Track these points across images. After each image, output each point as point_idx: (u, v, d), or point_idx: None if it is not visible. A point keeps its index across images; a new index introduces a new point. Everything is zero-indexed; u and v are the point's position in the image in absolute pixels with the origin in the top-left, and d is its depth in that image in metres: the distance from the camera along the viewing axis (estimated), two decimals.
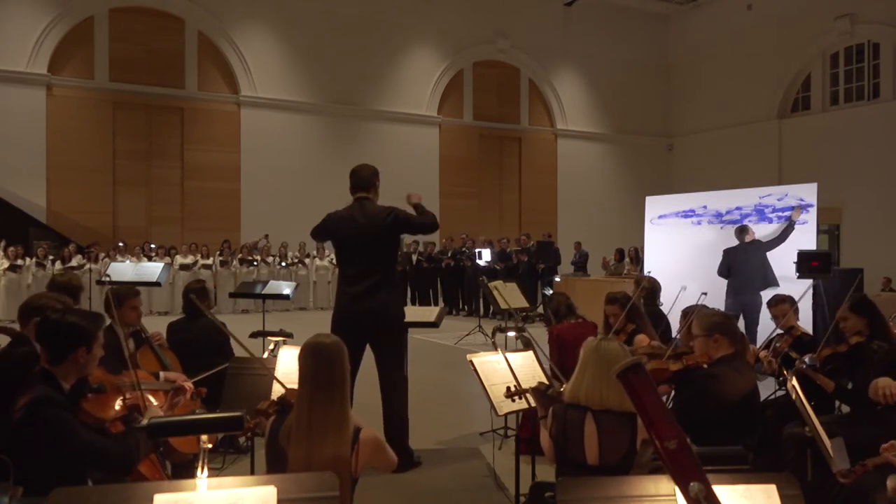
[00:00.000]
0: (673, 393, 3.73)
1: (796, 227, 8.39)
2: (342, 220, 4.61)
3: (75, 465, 2.41)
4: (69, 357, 2.49)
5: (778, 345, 4.66)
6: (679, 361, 3.46)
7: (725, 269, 8.27)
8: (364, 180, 4.65)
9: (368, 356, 4.58)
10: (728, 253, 8.32)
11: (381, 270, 4.53)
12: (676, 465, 1.49)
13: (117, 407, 3.13)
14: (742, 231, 8.36)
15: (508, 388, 3.40)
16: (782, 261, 8.20)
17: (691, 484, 1.46)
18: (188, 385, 3.48)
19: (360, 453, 2.31)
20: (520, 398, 3.39)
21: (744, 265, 8.16)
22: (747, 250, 8.25)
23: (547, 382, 3.07)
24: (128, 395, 3.17)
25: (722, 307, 7.40)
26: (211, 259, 14.67)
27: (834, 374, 3.98)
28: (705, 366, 3.37)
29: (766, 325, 7.03)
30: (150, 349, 4.13)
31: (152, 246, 14.42)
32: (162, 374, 3.75)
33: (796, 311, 4.87)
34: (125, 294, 4.27)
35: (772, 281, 8.09)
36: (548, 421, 2.74)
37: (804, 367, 4.00)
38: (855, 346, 3.98)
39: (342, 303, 4.58)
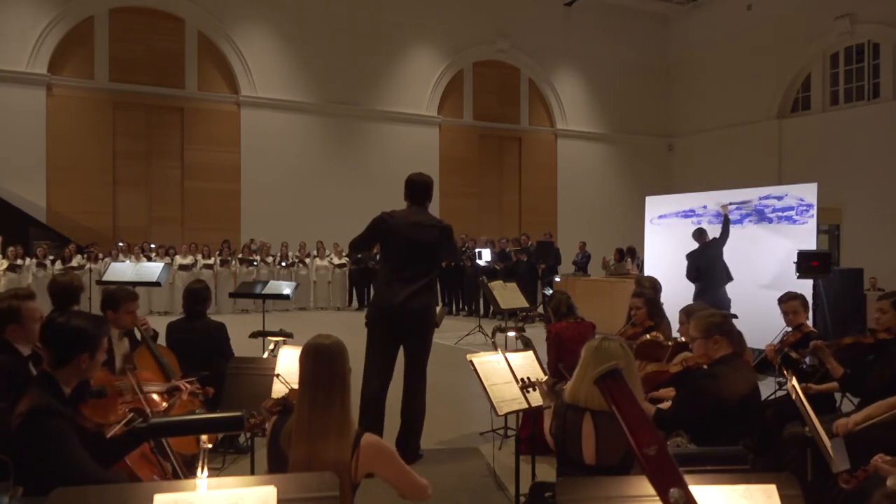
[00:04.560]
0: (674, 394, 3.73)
1: (795, 226, 8.41)
2: (400, 220, 4.74)
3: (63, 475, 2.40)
4: (71, 362, 2.47)
5: (783, 339, 4.65)
6: (678, 364, 3.46)
7: (694, 272, 8.49)
8: (421, 189, 4.86)
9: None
10: (694, 256, 8.55)
11: (428, 276, 4.76)
12: (656, 471, 1.49)
13: (118, 411, 3.13)
14: (701, 233, 8.65)
15: (522, 381, 3.50)
16: (782, 260, 8.20)
17: (671, 490, 1.46)
18: (184, 385, 3.49)
19: (360, 458, 2.28)
20: (533, 389, 3.47)
21: (710, 265, 8.42)
22: (709, 250, 8.51)
23: (553, 379, 3.11)
24: (128, 399, 3.17)
25: (676, 307, 7.61)
26: (212, 259, 14.67)
27: (844, 363, 3.97)
28: (705, 366, 3.36)
29: (764, 324, 7.04)
30: (146, 348, 4.10)
31: (152, 246, 14.42)
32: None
33: (806, 308, 4.86)
34: (123, 298, 4.18)
35: (730, 275, 8.46)
36: (549, 418, 2.75)
37: (806, 366, 4.00)
38: (880, 341, 3.95)
39: (385, 301, 4.68)
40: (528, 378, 3.48)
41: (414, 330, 4.70)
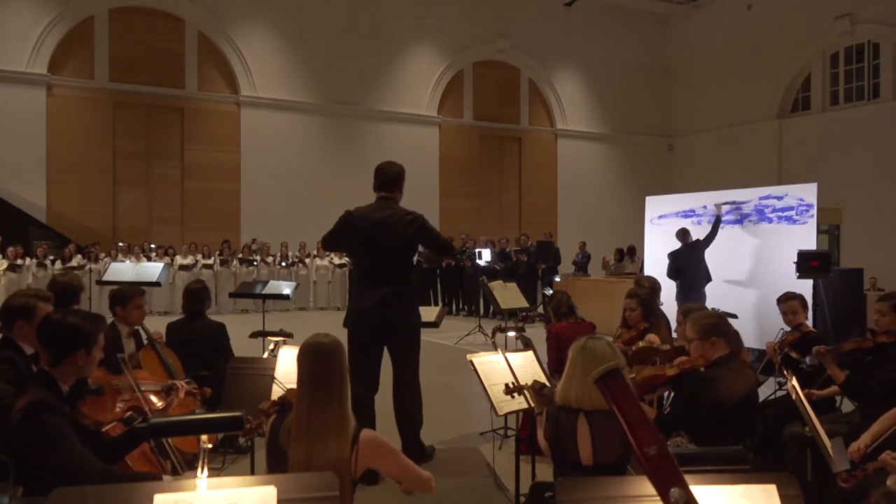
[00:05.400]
0: (672, 395, 3.72)
1: (795, 226, 8.42)
2: (363, 220, 4.37)
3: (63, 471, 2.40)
4: (68, 359, 2.48)
5: (783, 338, 4.65)
6: (675, 366, 3.44)
7: (674, 271, 8.59)
8: (389, 179, 4.45)
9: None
10: (676, 256, 8.67)
11: (400, 276, 4.43)
12: (657, 470, 1.48)
13: (116, 409, 3.14)
14: (684, 234, 8.79)
15: (507, 385, 3.41)
16: (781, 260, 8.20)
17: (672, 490, 1.45)
18: (181, 384, 3.50)
19: (359, 453, 2.29)
20: (518, 394, 3.40)
21: (690, 265, 8.54)
22: (691, 251, 8.64)
23: (542, 382, 3.07)
24: (126, 397, 3.18)
25: (674, 307, 7.81)
26: (212, 259, 14.67)
27: (844, 367, 3.96)
28: (702, 369, 3.33)
29: (763, 324, 7.05)
30: (152, 349, 4.13)
31: (152, 246, 14.42)
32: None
33: (805, 308, 4.86)
34: (130, 293, 4.29)
35: (709, 276, 8.59)
36: (542, 422, 2.73)
37: (806, 366, 3.99)
38: (879, 344, 3.93)
39: (360, 306, 4.44)
40: (513, 383, 3.39)
41: (391, 336, 4.43)
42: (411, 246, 4.51)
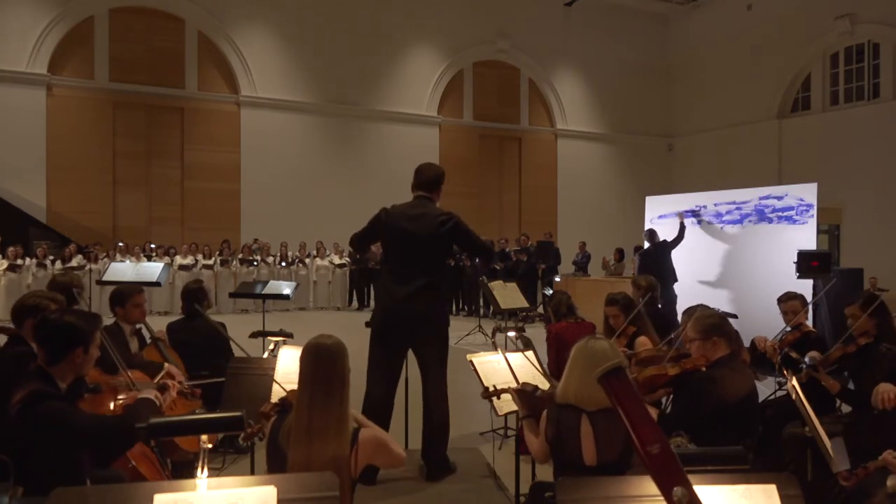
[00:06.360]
0: (672, 396, 3.72)
1: (795, 226, 8.43)
2: (398, 216, 4.36)
3: (73, 457, 2.41)
4: (66, 357, 2.49)
5: (783, 338, 4.65)
6: (677, 366, 3.44)
7: (643, 271, 8.80)
8: (428, 180, 4.53)
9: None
10: (643, 255, 9.06)
11: (429, 274, 4.32)
12: (660, 469, 1.48)
13: (112, 407, 3.15)
14: (651, 234, 9.15)
15: (486, 389, 3.33)
16: (781, 260, 8.20)
17: (675, 489, 1.45)
18: (173, 383, 3.50)
19: (359, 453, 2.31)
20: (498, 398, 3.33)
21: (658, 264, 8.74)
22: (657, 251, 8.95)
23: (534, 384, 3.04)
24: (123, 396, 3.19)
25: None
26: (212, 259, 14.67)
27: (837, 374, 3.97)
28: (703, 369, 3.33)
29: (764, 324, 7.05)
30: (154, 348, 4.14)
31: (152, 246, 14.43)
32: (166, 364, 3.75)
33: (806, 308, 4.86)
34: (128, 291, 4.30)
35: (675, 276, 8.90)
36: (541, 424, 2.72)
37: (805, 367, 4.00)
38: (863, 346, 3.93)
39: (385, 302, 4.40)
40: (495, 386, 3.33)
41: (417, 336, 4.33)
42: (443, 244, 4.42)
